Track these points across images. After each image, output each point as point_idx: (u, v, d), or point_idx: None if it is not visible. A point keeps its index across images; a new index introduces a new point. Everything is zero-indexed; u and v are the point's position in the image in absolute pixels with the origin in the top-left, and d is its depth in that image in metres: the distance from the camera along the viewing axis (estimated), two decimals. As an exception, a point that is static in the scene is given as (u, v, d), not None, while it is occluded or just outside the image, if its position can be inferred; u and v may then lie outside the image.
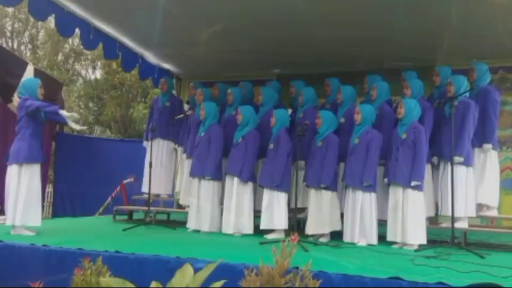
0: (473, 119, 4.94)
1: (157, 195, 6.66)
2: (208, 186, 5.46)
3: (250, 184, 5.35)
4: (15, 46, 17.29)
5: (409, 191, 4.58)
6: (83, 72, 18.73)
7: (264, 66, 7.54)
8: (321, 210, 4.96)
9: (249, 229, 5.26)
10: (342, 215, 5.01)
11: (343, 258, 3.68)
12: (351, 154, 4.92)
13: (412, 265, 3.58)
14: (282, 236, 4.99)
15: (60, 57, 17.88)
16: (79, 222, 6.37)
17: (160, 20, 6.09)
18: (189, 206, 5.79)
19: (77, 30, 6.25)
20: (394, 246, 4.63)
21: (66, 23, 5.96)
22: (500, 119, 5.38)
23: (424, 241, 4.54)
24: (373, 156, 4.82)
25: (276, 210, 5.11)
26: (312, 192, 5.07)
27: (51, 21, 8.93)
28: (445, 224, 4.91)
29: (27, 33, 17.72)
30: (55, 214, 9.17)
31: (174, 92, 7.75)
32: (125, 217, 6.67)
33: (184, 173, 6.26)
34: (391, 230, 4.67)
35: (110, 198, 8.67)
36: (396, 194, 4.66)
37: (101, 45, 6.72)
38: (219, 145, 5.53)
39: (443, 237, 4.66)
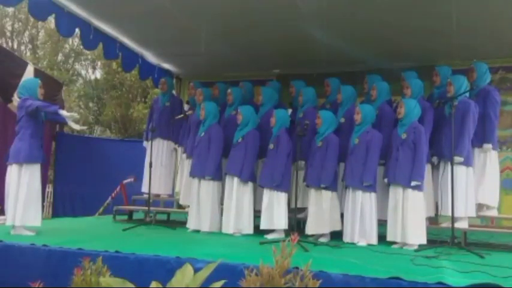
0: (473, 119, 4.94)
1: (157, 195, 6.66)
2: (208, 186, 5.46)
3: (250, 184, 5.35)
4: (15, 46, 17.30)
5: (409, 191, 4.58)
6: (83, 72, 18.76)
7: (264, 66, 7.53)
8: (321, 210, 4.96)
9: (249, 229, 5.26)
10: (342, 215, 5.01)
11: (343, 258, 3.67)
12: (351, 154, 4.92)
13: (412, 265, 3.58)
14: (282, 236, 4.99)
15: (60, 57, 17.90)
16: (79, 222, 6.36)
17: (161, 20, 6.09)
18: (189, 206, 5.80)
19: (77, 30, 6.26)
20: (394, 246, 4.62)
21: (66, 23, 5.97)
22: (500, 119, 5.38)
23: (424, 241, 4.54)
24: (373, 156, 4.82)
25: (276, 210, 5.10)
26: (312, 192, 5.06)
27: (51, 21, 8.94)
28: (445, 224, 4.91)
29: (27, 33, 17.73)
30: (55, 214, 9.16)
31: (174, 92, 7.75)
32: (125, 217, 6.66)
33: (184, 173, 6.26)
34: (391, 230, 4.67)
35: (110, 198, 8.67)
36: (396, 194, 4.66)
37: (101, 45, 6.73)
38: (219, 145, 5.53)
39: (443, 237, 4.66)
